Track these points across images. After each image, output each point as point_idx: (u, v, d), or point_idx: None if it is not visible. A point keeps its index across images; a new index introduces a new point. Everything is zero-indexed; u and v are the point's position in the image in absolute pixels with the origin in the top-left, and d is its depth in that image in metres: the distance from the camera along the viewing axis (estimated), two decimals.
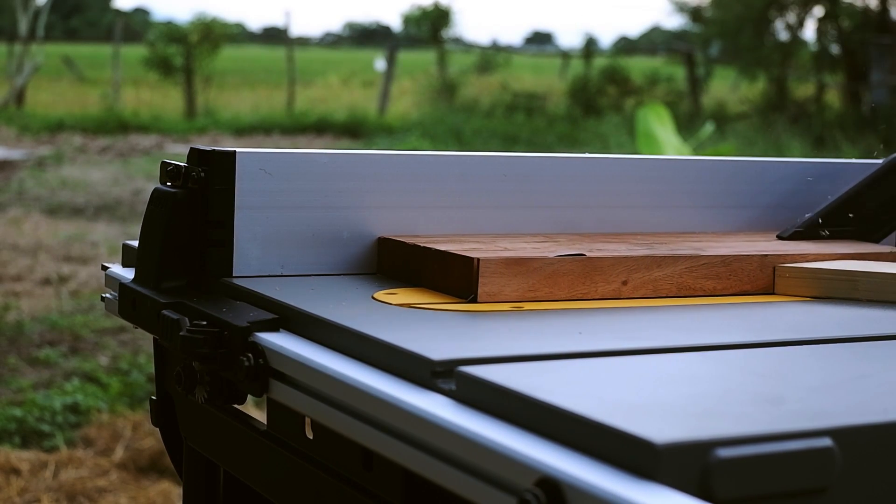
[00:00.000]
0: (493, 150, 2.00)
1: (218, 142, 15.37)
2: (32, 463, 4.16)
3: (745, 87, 21.25)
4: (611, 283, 1.44)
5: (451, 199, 1.59)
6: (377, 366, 1.15)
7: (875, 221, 1.76)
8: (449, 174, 1.59)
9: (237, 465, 1.46)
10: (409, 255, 1.48)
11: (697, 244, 1.59)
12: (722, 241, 1.64)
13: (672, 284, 1.48)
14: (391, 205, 1.56)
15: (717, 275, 1.51)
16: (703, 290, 1.50)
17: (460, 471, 0.98)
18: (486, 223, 1.61)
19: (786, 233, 1.72)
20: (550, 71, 25.83)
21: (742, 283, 1.52)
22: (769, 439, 0.90)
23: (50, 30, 28.47)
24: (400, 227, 1.56)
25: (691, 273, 1.49)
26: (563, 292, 1.42)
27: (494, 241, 1.53)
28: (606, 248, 1.52)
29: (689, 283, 1.49)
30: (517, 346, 1.20)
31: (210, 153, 1.47)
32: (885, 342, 1.27)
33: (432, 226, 1.58)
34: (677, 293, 1.48)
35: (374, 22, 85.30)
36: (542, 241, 1.55)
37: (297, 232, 1.51)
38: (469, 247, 1.46)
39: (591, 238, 1.61)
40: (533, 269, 1.40)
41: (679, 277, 1.48)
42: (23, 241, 8.44)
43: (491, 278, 1.38)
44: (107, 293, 1.58)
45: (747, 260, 1.52)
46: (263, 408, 1.43)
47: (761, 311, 1.44)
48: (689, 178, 1.75)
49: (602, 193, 1.69)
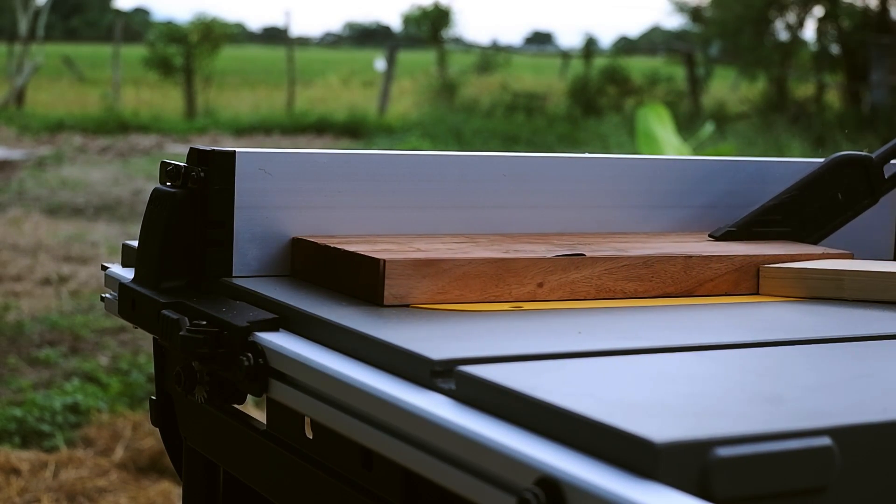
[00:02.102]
0: (493, 150, 2.00)
1: (218, 142, 15.37)
2: (32, 463, 4.16)
3: (745, 87, 21.25)
4: (525, 286, 1.40)
5: (452, 199, 1.59)
6: (377, 365, 1.15)
7: (814, 222, 1.72)
8: (449, 174, 1.59)
9: (237, 465, 1.46)
10: (321, 255, 1.44)
11: (621, 245, 1.54)
12: (648, 241, 1.59)
13: (591, 287, 1.43)
14: (391, 205, 1.56)
15: (638, 276, 1.46)
16: (624, 292, 1.45)
17: (460, 470, 0.98)
18: (487, 223, 1.61)
19: (718, 232, 1.67)
20: (550, 71, 25.83)
21: (665, 284, 1.47)
22: (768, 438, 0.90)
23: (50, 30, 28.48)
24: (400, 227, 1.56)
25: (611, 275, 1.44)
26: (475, 295, 1.37)
27: (412, 241, 1.49)
28: (524, 249, 1.46)
29: (609, 286, 1.44)
30: (517, 345, 1.20)
31: (210, 153, 1.47)
32: (883, 342, 1.28)
33: (433, 226, 1.58)
34: (596, 295, 1.43)
35: (374, 22, 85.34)
36: (462, 241, 1.51)
37: (297, 232, 1.51)
38: (381, 247, 1.42)
39: (512, 238, 1.56)
40: (443, 271, 1.36)
41: (598, 279, 1.44)
42: (23, 241, 8.44)
43: (398, 280, 1.34)
44: (107, 293, 1.58)
45: (671, 261, 1.47)
46: (263, 408, 1.43)
47: (760, 311, 1.44)
48: (692, 177, 1.74)
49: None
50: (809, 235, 1.71)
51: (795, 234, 1.70)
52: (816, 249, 1.62)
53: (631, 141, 11.93)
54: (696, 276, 1.49)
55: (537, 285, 1.40)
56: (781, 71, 19.55)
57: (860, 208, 1.75)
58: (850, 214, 1.74)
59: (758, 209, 1.70)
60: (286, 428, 1.33)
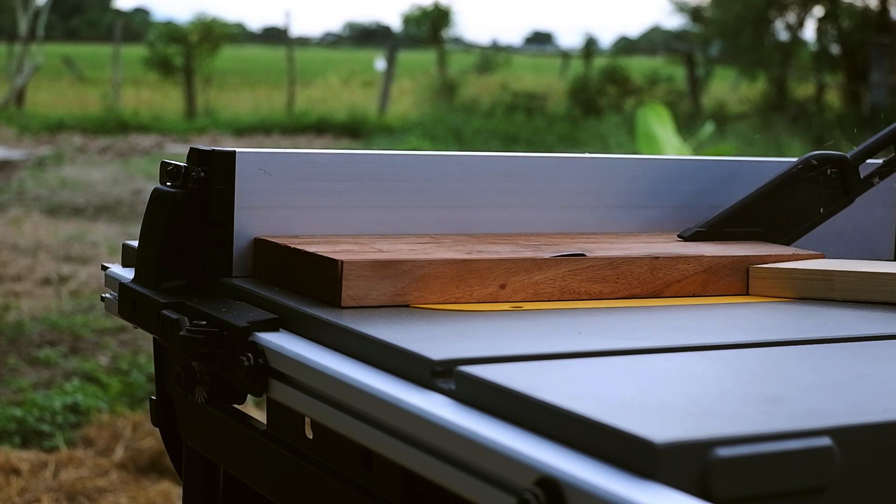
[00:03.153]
0: (493, 150, 1.99)
1: (218, 142, 15.37)
2: (32, 463, 4.16)
3: (745, 87, 21.25)
4: (487, 287, 1.38)
5: (452, 199, 1.59)
6: (377, 366, 1.15)
7: (787, 223, 1.67)
8: (449, 174, 1.59)
9: (237, 465, 1.46)
10: (282, 256, 1.43)
11: (587, 245, 1.51)
12: (616, 242, 1.56)
13: (554, 288, 1.41)
14: (391, 205, 1.56)
15: (603, 278, 1.43)
16: (589, 293, 1.43)
17: (460, 470, 0.98)
18: (488, 223, 1.61)
19: (686, 233, 1.63)
20: (550, 71, 25.83)
21: (631, 286, 1.45)
22: (768, 439, 0.90)
23: (50, 30, 28.47)
24: (399, 227, 1.56)
25: (575, 276, 1.42)
26: (436, 296, 1.35)
27: (374, 241, 1.47)
28: (487, 250, 1.44)
29: (574, 287, 1.42)
30: (517, 345, 1.20)
31: (210, 153, 1.47)
32: (883, 342, 1.28)
33: (433, 226, 1.58)
34: (560, 297, 1.41)
35: (374, 22, 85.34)
36: (425, 242, 1.49)
37: (297, 232, 1.51)
38: (342, 248, 1.40)
39: (477, 239, 1.54)
40: (402, 272, 1.34)
41: (562, 280, 1.41)
42: (23, 241, 8.44)
43: (356, 282, 1.32)
44: (107, 293, 1.58)
45: (636, 262, 1.45)
46: (263, 408, 1.43)
47: (760, 311, 1.44)
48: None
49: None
50: (782, 236, 1.67)
51: (767, 235, 1.66)
52: (786, 250, 1.59)
53: (631, 141, 11.93)
54: (663, 277, 1.47)
55: (499, 286, 1.38)
56: (781, 71, 19.55)
57: (835, 209, 1.70)
58: (825, 215, 1.69)
59: (728, 209, 1.65)
60: (286, 428, 1.33)
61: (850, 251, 1.83)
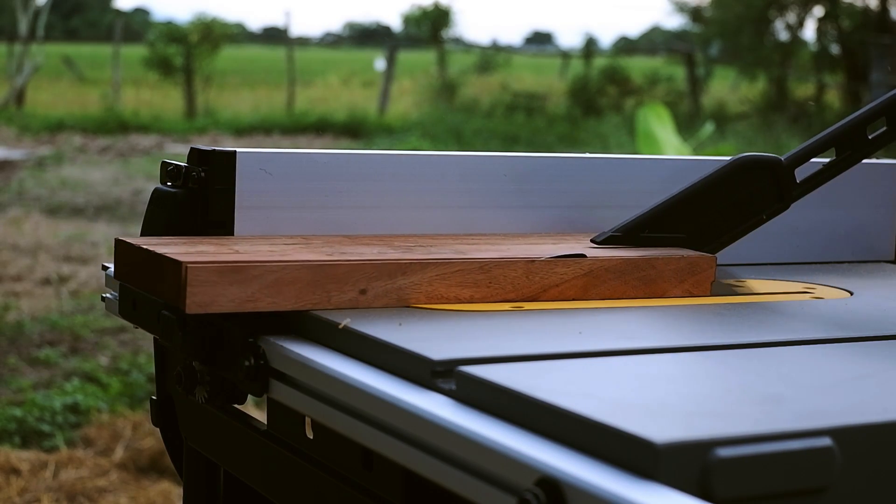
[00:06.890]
0: (493, 150, 1.99)
1: (218, 142, 15.37)
2: (32, 463, 4.16)
3: (745, 87, 21.26)
4: (346, 293, 1.30)
5: (452, 199, 1.60)
6: (377, 366, 1.15)
7: (714, 228, 1.55)
8: (449, 174, 1.59)
9: (237, 465, 1.46)
10: (136, 258, 1.36)
11: (467, 247, 1.44)
12: (498, 243, 1.49)
13: (420, 293, 1.33)
14: (391, 205, 1.56)
15: (474, 282, 1.35)
16: (459, 299, 1.34)
17: (460, 470, 0.98)
18: (488, 223, 1.61)
19: (601, 237, 1.52)
20: (550, 71, 25.82)
21: (505, 291, 1.37)
22: (769, 439, 0.90)
23: (50, 30, 28.45)
24: (399, 227, 1.56)
25: (443, 280, 1.34)
26: (289, 303, 1.27)
27: (236, 243, 1.40)
28: (353, 251, 1.37)
29: (441, 292, 1.34)
30: (517, 345, 1.20)
31: (210, 153, 1.47)
32: (883, 342, 1.28)
33: (433, 226, 1.58)
34: (427, 303, 1.34)
35: (374, 22, 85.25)
36: (292, 243, 1.42)
37: (297, 231, 1.51)
38: (197, 250, 1.32)
39: (350, 240, 1.47)
40: (252, 277, 1.26)
41: (428, 286, 1.33)
42: (23, 241, 8.44)
43: (201, 288, 1.23)
44: (107, 293, 1.58)
45: (511, 266, 1.37)
46: (263, 408, 1.43)
47: (759, 311, 1.44)
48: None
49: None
50: (707, 243, 1.54)
51: (691, 241, 1.53)
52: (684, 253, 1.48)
53: (631, 141, 11.94)
54: (540, 281, 1.38)
55: (359, 292, 1.31)
56: (781, 71, 19.56)
57: (769, 214, 1.58)
58: (757, 221, 1.57)
59: (647, 212, 1.53)
60: (286, 428, 1.33)
61: (850, 251, 1.83)
